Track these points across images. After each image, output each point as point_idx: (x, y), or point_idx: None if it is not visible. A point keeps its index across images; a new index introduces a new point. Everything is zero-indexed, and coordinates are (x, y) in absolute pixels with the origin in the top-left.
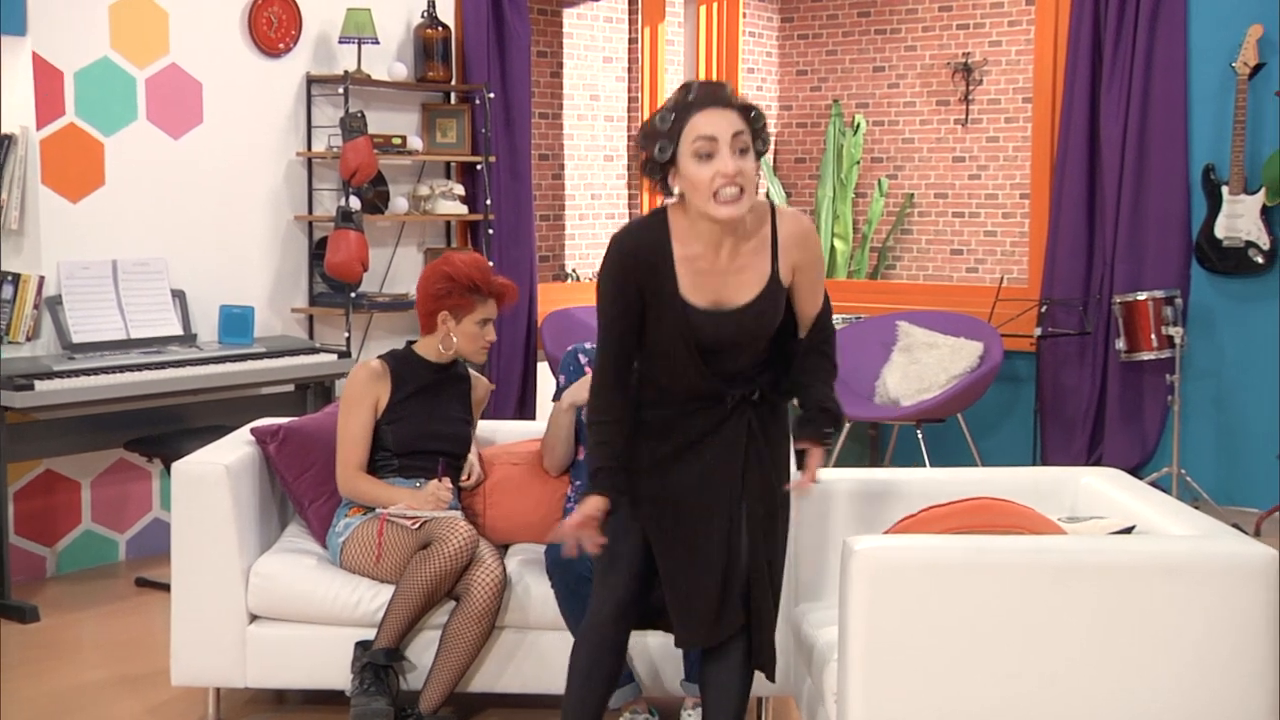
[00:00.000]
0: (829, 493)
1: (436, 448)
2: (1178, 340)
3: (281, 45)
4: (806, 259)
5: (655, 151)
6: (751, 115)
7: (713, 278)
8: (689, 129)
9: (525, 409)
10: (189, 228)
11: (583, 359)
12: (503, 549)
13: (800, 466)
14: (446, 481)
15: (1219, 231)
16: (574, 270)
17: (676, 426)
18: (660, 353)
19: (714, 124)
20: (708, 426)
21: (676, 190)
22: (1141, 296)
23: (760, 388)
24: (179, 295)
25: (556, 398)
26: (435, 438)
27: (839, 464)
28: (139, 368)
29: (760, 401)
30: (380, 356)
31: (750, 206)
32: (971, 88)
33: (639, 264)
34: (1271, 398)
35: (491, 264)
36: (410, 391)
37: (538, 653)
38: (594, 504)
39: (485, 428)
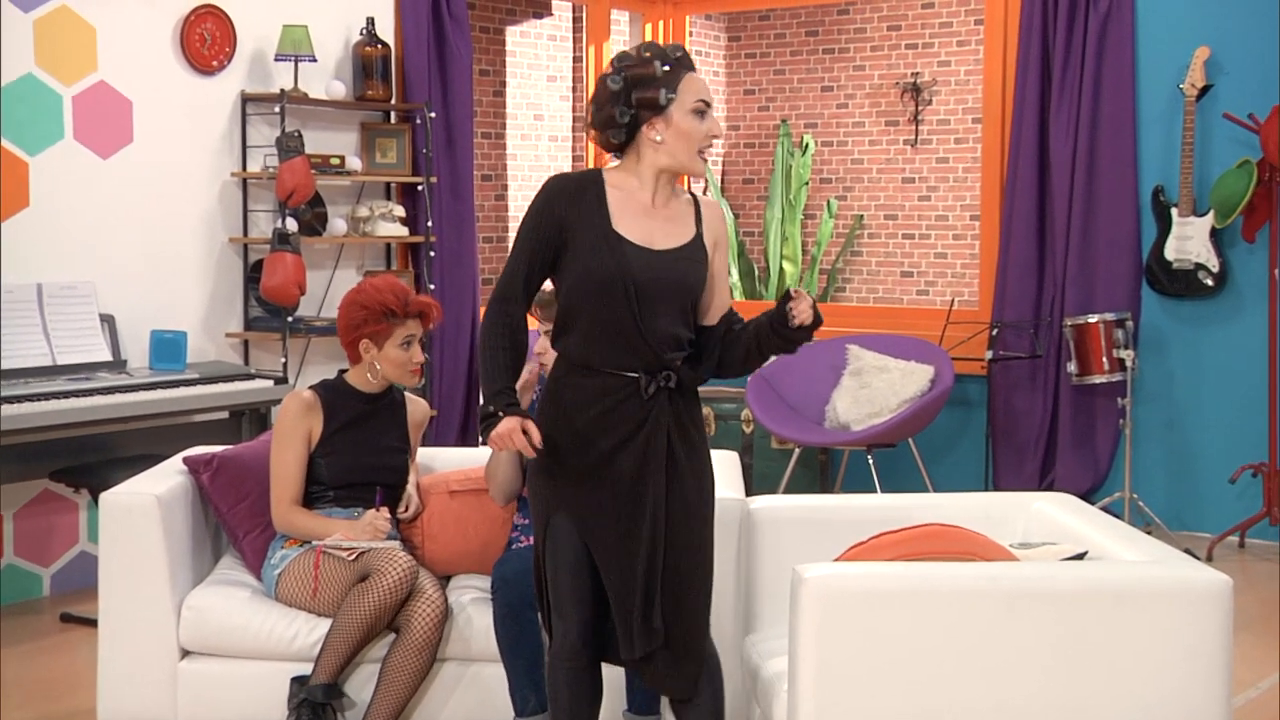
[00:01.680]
0: (778, 520)
1: (372, 479)
2: (1129, 363)
3: (215, 62)
4: (722, 239)
5: (661, 96)
6: None
7: (643, 218)
8: (687, 86)
9: (467, 435)
10: (118, 250)
11: None
12: (444, 579)
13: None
14: (384, 511)
15: (1169, 254)
16: None
17: (602, 425)
18: (592, 291)
19: (705, 89)
20: (631, 427)
21: (655, 137)
22: (1092, 319)
23: (678, 372)
24: (108, 320)
25: None
26: (371, 469)
27: (789, 490)
28: (65, 395)
29: (679, 392)
30: (311, 387)
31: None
32: (921, 108)
33: (565, 192)
34: (1223, 421)
35: (432, 286)
36: (343, 423)
37: (480, 685)
38: (511, 423)
39: (423, 455)
